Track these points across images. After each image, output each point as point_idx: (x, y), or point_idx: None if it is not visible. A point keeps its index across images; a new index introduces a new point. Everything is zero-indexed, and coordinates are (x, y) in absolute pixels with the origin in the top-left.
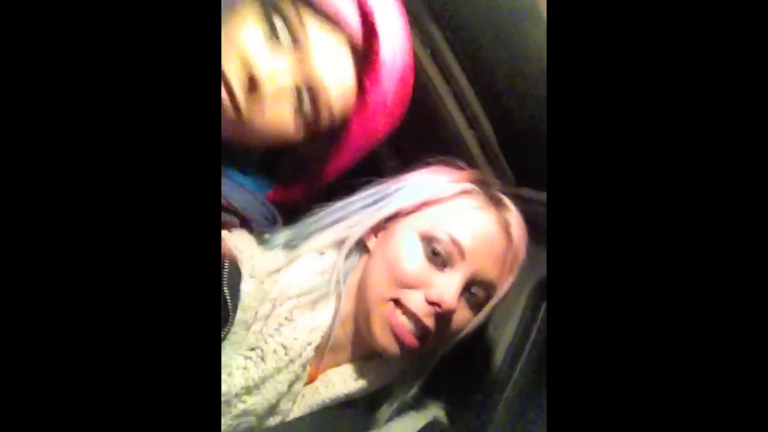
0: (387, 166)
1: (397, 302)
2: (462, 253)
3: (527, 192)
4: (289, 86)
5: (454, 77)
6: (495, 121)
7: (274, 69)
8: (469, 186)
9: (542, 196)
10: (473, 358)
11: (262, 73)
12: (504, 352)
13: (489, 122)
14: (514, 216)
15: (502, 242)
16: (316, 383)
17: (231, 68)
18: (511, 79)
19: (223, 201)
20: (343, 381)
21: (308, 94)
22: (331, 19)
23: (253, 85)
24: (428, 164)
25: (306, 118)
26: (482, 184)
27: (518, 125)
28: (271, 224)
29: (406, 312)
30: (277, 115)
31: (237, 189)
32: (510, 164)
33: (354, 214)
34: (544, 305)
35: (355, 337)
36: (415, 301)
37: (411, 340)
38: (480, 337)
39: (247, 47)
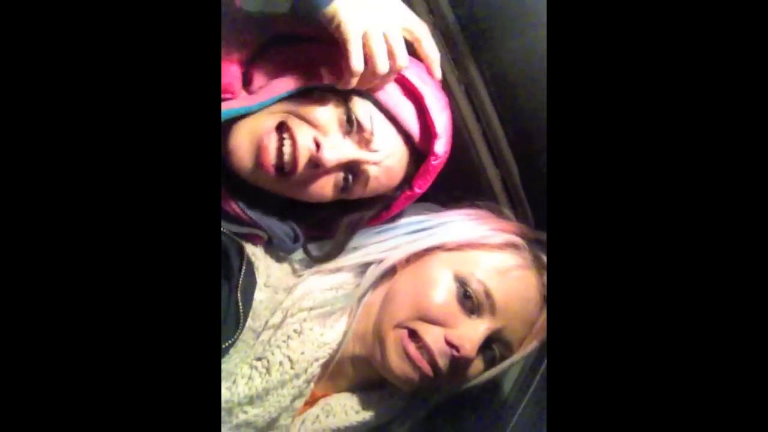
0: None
1: (412, 334)
2: (492, 308)
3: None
4: (343, 171)
5: (486, 115)
6: (521, 163)
7: (340, 155)
8: (517, 240)
9: None
10: (473, 399)
11: (328, 155)
12: (509, 390)
13: (515, 163)
14: None
15: (536, 307)
16: (316, 410)
17: (303, 141)
18: (543, 121)
19: (246, 217)
20: (344, 412)
21: (353, 178)
22: (390, 114)
23: (317, 162)
24: (474, 206)
25: (344, 193)
26: (529, 241)
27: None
28: (293, 243)
29: (422, 345)
30: (321, 186)
31: (261, 209)
32: (532, 207)
33: (393, 239)
34: None
35: (361, 361)
36: (433, 337)
37: (427, 368)
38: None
39: (325, 129)
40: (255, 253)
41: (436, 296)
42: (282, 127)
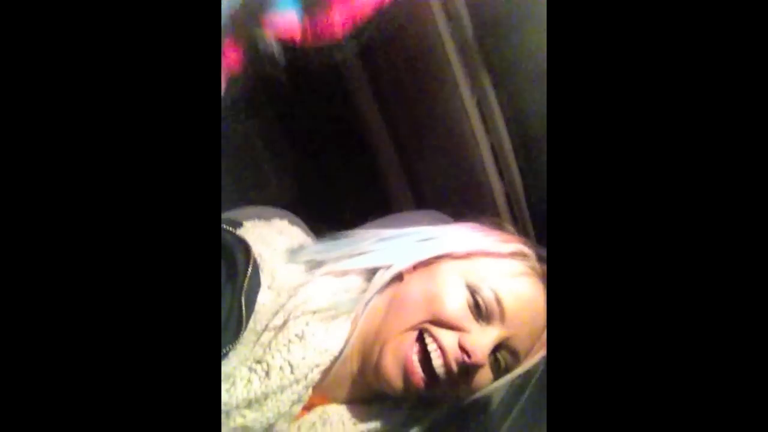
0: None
1: (421, 337)
2: (502, 315)
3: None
4: None
5: (496, 128)
6: (527, 178)
7: None
8: (524, 249)
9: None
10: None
11: None
12: (499, 400)
13: (521, 177)
14: None
15: (543, 317)
16: (313, 416)
17: None
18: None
19: None
20: (341, 423)
21: None
22: None
23: None
24: (478, 220)
25: None
26: (536, 252)
27: None
28: None
29: (438, 346)
30: None
31: None
32: (534, 223)
33: (401, 246)
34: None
35: (358, 372)
36: (448, 340)
37: (418, 381)
38: None
39: None
40: (261, 254)
41: (450, 301)
42: None
